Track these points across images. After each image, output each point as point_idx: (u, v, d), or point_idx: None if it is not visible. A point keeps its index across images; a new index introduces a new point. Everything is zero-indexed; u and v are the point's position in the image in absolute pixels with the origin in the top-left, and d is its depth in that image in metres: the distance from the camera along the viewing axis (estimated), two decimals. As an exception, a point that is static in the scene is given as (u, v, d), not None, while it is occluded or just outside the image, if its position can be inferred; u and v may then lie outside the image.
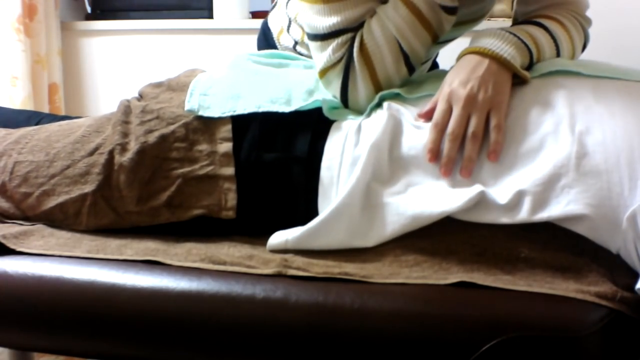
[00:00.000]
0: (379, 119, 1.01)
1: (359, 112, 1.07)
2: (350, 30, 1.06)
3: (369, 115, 1.05)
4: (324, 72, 1.08)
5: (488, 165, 0.94)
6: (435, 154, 0.96)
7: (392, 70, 1.06)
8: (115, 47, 2.47)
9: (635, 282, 0.84)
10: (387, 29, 1.04)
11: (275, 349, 0.88)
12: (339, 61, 1.07)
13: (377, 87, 1.06)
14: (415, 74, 1.12)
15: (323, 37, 1.07)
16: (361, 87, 1.06)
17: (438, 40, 1.10)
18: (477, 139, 0.95)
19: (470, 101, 0.97)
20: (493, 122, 0.95)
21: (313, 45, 1.10)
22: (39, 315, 0.95)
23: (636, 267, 0.88)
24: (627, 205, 0.87)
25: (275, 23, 1.41)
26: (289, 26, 1.34)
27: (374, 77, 1.06)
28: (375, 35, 1.05)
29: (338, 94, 1.08)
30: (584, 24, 1.17)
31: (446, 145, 0.96)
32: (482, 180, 0.94)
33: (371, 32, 1.05)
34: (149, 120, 1.08)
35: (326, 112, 1.05)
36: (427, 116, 1.00)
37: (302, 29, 1.28)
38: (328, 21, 1.05)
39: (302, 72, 1.14)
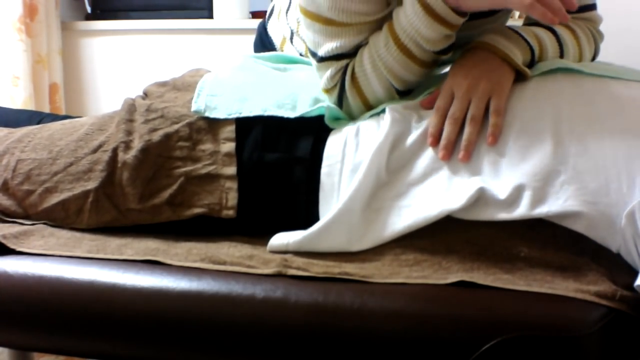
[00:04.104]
0: (381, 123, 1.01)
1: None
2: (346, 56, 1.05)
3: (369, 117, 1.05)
4: (325, 92, 1.09)
5: (487, 157, 0.95)
6: (436, 138, 0.98)
7: (384, 97, 1.06)
8: (115, 47, 2.47)
9: (635, 280, 0.84)
10: (378, 67, 1.03)
11: (275, 349, 0.88)
12: (334, 87, 1.07)
13: (369, 108, 1.07)
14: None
15: (321, 59, 1.06)
16: (354, 109, 1.08)
17: (438, 65, 1.09)
18: (476, 121, 0.97)
19: (472, 88, 0.98)
20: (493, 107, 0.97)
21: (312, 61, 1.10)
22: (39, 315, 0.95)
23: (636, 265, 0.88)
24: (625, 202, 0.88)
25: (277, 32, 1.40)
26: (291, 37, 1.34)
27: (365, 102, 1.07)
28: (366, 70, 1.04)
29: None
30: (596, 36, 1.17)
31: (446, 128, 0.98)
32: (482, 173, 0.94)
33: (362, 66, 1.04)
34: (154, 119, 1.09)
35: (327, 121, 1.06)
36: (429, 103, 1.02)
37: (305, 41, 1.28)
38: (326, 44, 1.04)
39: (308, 75, 1.13)
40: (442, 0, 0.97)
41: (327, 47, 1.04)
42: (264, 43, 1.44)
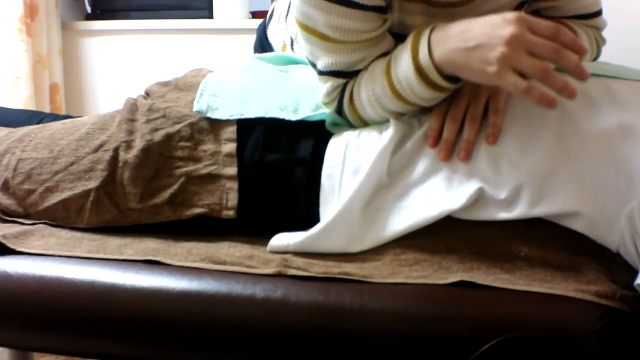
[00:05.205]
0: (383, 127, 1.02)
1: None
2: (343, 74, 1.03)
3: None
4: (323, 104, 1.08)
5: (487, 156, 0.95)
6: (436, 139, 0.98)
7: (381, 121, 1.05)
8: (115, 47, 2.47)
9: (635, 280, 0.84)
10: (373, 103, 1.02)
11: (275, 349, 0.88)
12: (332, 101, 1.06)
13: (367, 125, 1.06)
14: None
15: (320, 72, 1.05)
16: (353, 123, 1.07)
17: None
18: (475, 121, 0.96)
19: (470, 89, 0.98)
20: (492, 106, 0.96)
21: (311, 68, 1.09)
22: (39, 315, 0.95)
23: (636, 264, 0.88)
24: (624, 201, 0.88)
25: (277, 38, 1.40)
26: (291, 44, 1.33)
27: (364, 122, 1.06)
28: (363, 102, 1.03)
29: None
30: (598, 39, 1.16)
31: (445, 128, 0.97)
32: (481, 173, 0.94)
33: (360, 97, 1.03)
34: (155, 119, 1.09)
35: (328, 126, 1.06)
36: None
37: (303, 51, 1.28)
38: (324, 59, 1.03)
39: (310, 77, 1.13)
40: (435, 70, 0.93)
41: (324, 61, 1.03)
42: (264, 47, 1.44)
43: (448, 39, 0.91)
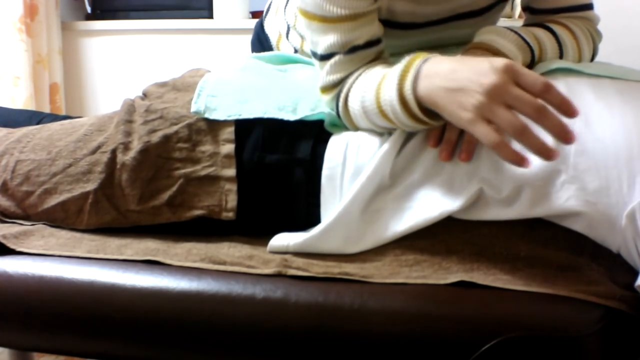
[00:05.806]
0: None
1: None
2: (341, 54, 1.02)
3: None
4: (321, 91, 1.07)
5: (488, 157, 0.94)
6: (437, 139, 0.97)
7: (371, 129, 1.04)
8: (115, 47, 2.47)
9: (635, 281, 0.84)
10: (363, 117, 1.01)
11: (275, 349, 0.88)
12: (332, 87, 1.05)
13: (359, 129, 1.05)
14: None
15: (320, 58, 1.04)
16: (350, 128, 1.06)
17: None
18: None
19: None
20: None
21: (314, 62, 1.08)
22: (39, 315, 0.95)
23: (637, 265, 0.88)
24: (625, 202, 0.88)
25: (273, 29, 1.40)
26: (287, 32, 1.33)
27: (357, 129, 1.05)
28: (355, 112, 1.01)
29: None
30: (595, 36, 1.16)
31: (446, 129, 0.97)
32: (482, 173, 0.94)
33: (353, 107, 1.01)
34: (153, 120, 1.08)
35: (327, 127, 1.06)
36: None
37: (302, 36, 1.27)
38: (323, 42, 1.02)
39: (308, 77, 1.13)
40: (416, 103, 0.91)
41: (323, 45, 1.03)
42: (260, 41, 1.44)
43: (435, 76, 0.89)
